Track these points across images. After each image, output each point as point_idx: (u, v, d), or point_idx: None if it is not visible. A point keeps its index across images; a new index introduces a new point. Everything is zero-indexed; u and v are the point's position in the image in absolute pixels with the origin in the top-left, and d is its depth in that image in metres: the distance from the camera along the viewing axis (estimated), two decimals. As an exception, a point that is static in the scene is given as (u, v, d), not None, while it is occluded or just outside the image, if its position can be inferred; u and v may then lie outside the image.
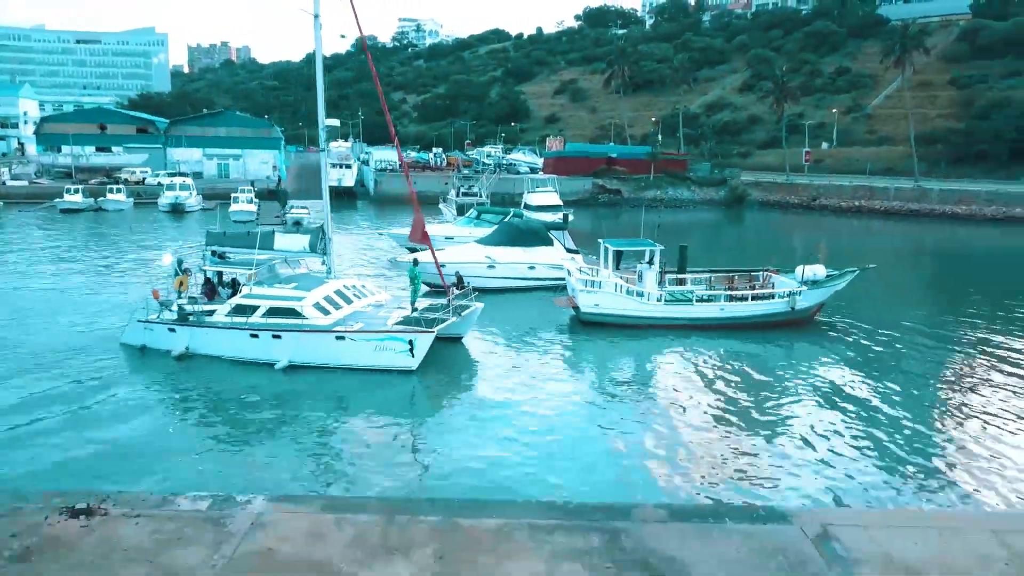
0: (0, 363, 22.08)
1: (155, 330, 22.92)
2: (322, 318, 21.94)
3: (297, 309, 21.93)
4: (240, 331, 21.89)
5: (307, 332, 21.63)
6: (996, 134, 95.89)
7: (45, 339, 24.58)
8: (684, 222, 69.90)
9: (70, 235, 52.60)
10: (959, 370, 23.88)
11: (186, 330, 22.48)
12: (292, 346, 21.58)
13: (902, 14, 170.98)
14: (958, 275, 47.79)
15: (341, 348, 21.43)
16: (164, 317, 23.20)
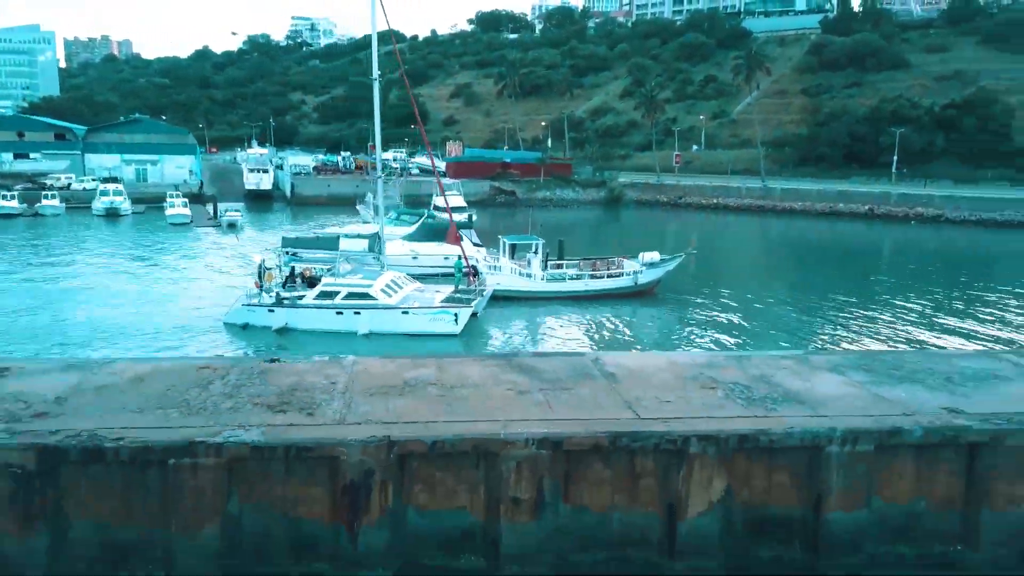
0: (131, 339, 28.83)
1: (257, 311, 30.27)
2: (388, 299, 30.32)
3: (370, 293, 30.08)
4: (328, 310, 29.73)
5: (381, 309, 29.84)
6: (833, 140, 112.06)
7: (160, 322, 31.26)
8: (569, 220, 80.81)
9: (52, 239, 57.73)
10: (743, 315, 34.95)
11: (283, 311, 30.01)
12: (369, 319, 29.59)
13: (763, 27, 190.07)
14: (788, 260, 60.47)
15: (405, 320, 29.83)
16: (263, 301, 30.55)
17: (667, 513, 12.80)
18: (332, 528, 12.34)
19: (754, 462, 12.93)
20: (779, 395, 14.41)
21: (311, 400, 13.68)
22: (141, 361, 16.42)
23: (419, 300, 31.27)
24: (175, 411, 12.99)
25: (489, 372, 15.61)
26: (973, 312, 36.99)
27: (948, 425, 13.24)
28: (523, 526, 12.44)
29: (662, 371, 15.96)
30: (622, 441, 12.52)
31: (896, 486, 13.30)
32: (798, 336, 32.00)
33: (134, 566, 12.09)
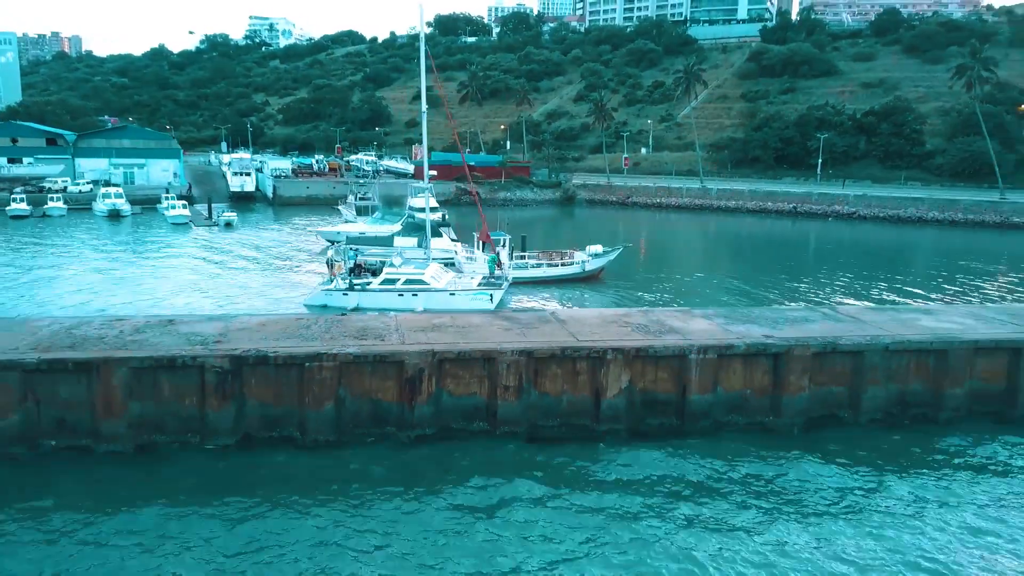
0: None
1: (333, 294, 37.34)
2: (438, 284, 37.89)
3: (423, 279, 37.57)
4: (391, 293, 37.06)
5: (434, 292, 37.39)
6: (765, 143, 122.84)
7: (252, 307, 37.73)
8: (528, 217, 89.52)
9: (102, 239, 63.66)
10: (669, 293, 44.01)
11: (355, 294, 37.05)
12: (424, 300, 36.70)
13: (707, 35, 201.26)
14: (718, 252, 70.00)
15: (452, 299, 37.08)
16: (338, 286, 37.67)
17: (595, 395, 21.61)
18: (398, 406, 20.88)
19: (646, 365, 21.85)
20: (665, 329, 23.37)
21: (378, 334, 22.23)
22: (257, 315, 24.75)
23: (462, 284, 39.37)
24: (298, 339, 21.43)
25: (485, 320, 24.35)
26: (845, 288, 46.60)
27: (761, 343, 22.35)
28: (510, 404, 21.15)
29: (594, 318, 24.88)
30: (568, 352, 21.35)
31: (732, 379, 22.33)
32: (705, 304, 41.40)
33: (281, 429, 20.50)
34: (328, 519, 17.07)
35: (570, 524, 17.01)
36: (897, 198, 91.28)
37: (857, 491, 18.97)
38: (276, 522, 16.92)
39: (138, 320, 23.47)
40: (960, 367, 23.10)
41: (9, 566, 15.30)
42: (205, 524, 16.82)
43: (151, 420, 19.89)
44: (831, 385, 22.69)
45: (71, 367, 19.42)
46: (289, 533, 16.50)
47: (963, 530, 17.27)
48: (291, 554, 15.75)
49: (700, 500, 18.28)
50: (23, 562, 15.41)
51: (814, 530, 17.13)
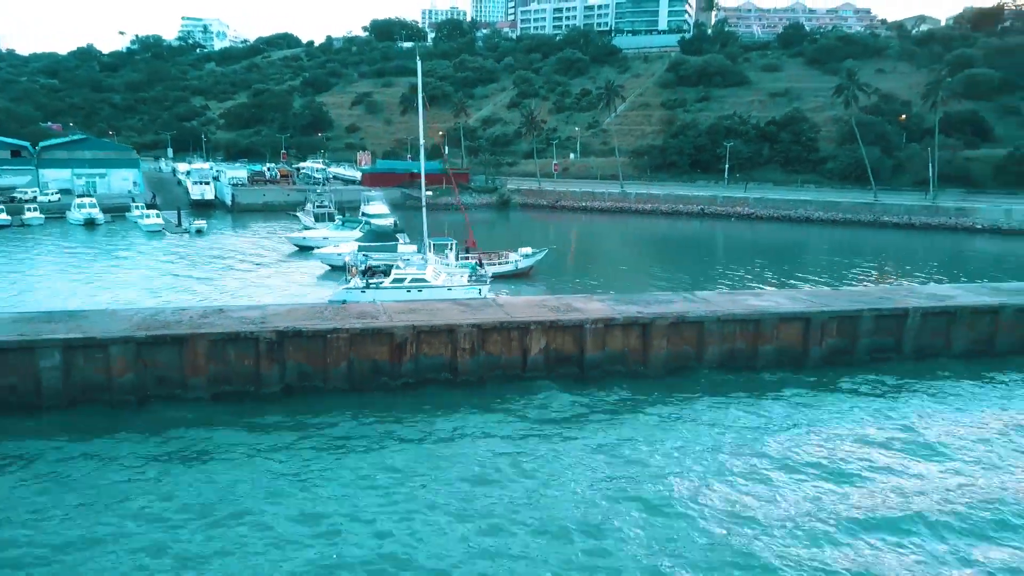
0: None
1: (353, 292, 44.82)
2: (436, 281, 46.18)
3: (425, 278, 45.75)
4: (401, 290, 44.80)
5: (434, 287, 45.49)
6: (681, 149, 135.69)
7: (283, 303, 46.57)
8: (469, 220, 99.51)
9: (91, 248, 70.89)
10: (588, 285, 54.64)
11: (371, 291, 44.86)
12: (427, 294, 44.48)
13: (631, 44, 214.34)
14: (635, 250, 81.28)
15: (448, 293, 44.73)
16: (357, 285, 45.38)
17: (523, 354, 31.91)
18: (390, 364, 30.77)
19: (557, 332, 32.27)
20: (571, 309, 33.84)
21: (372, 315, 32.10)
22: (284, 305, 34.33)
23: (457, 281, 47.77)
24: (318, 320, 31.14)
25: (444, 306, 34.49)
26: (720, 277, 58.06)
27: (634, 316, 33.02)
28: (466, 361, 31.28)
29: (523, 303, 35.32)
30: (504, 325, 31.62)
31: (615, 342, 32.91)
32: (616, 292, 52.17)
33: (312, 380, 30.17)
34: (343, 437, 26.85)
35: (505, 437, 27.22)
36: (789, 200, 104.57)
37: (699, 413, 29.66)
38: (309, 439, 26.61)
39: (196, 310, 32.78)
40: (770, 331, 34.23)
41: (123, 472, 24.69)
42: (262, 439, 26.37)
43: (222, 376, 29.34)
44: (683, 345, 33.52)
45: (168, 340, 28.73)
46: (318, 447, 26.26)
47: (764, 433, 28.02)
48: (319, 459, 25.47)
49: (593, 420, 28.70)
50: (142, 461, 24.81)
51: (662, 436, 27.77)
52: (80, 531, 20.38)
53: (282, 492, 22.54)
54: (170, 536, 20.19)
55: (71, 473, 23.50)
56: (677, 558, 19.51)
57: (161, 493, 22.36)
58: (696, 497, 22.50)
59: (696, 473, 24.13)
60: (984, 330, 36.47)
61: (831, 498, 22.61)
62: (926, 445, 26.51)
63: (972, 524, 21.33)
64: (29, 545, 19.74)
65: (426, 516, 21.30)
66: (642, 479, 23.60)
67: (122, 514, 21.19)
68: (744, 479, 23.72)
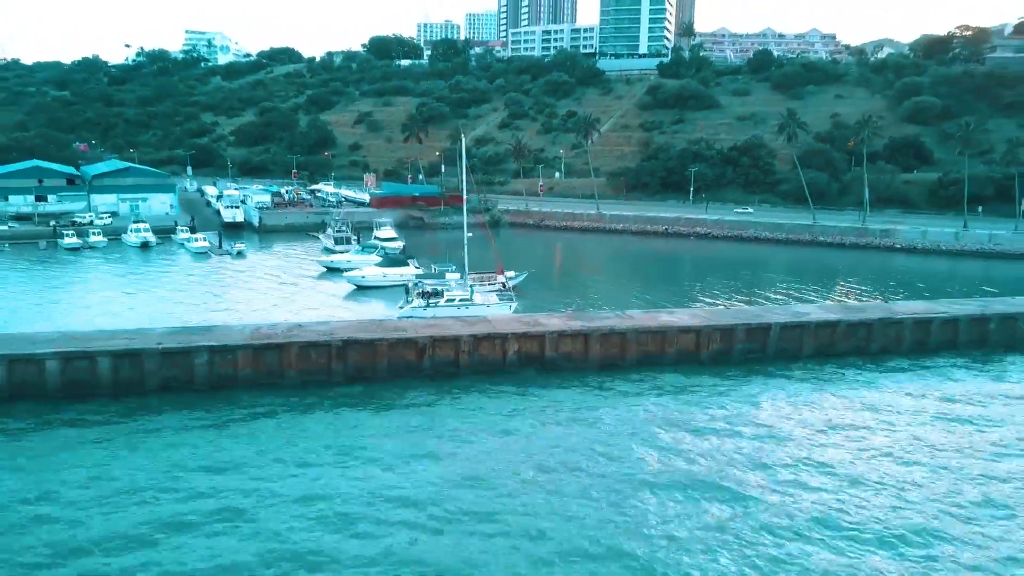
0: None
1: (417, 309, 58.37)
2: (478, 300, 60.35)
3: (470, 298, 60.22)
4: (451, 307, 58.26)
5: (476, 305, 59.24)
6: (653, 171, 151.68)
7: (308, 317, 62.78)
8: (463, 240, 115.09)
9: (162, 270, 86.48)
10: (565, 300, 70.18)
11: (431, 309, 58.58)
12: (472, 311, 58.06)
13: (614, 67, 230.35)
14: (607, 267, 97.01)
15: (487, 310, 59.34)
16: (420, 304, 58.99)
17: (502, 355, 47.70)
18: (415, 362, 46.51)
19: (527, 340, 48.06)
20: (537, 324, 49.60)
21: (403, 329, 47.84)
22: (343, 322, 50.12)
23: (491, 299, 61.81)
24: (366, 332, 46.82)
25: (451, 323, 50.34)
26: (664, 293, 73.61)
27: (579, 329, 48.84)
28: (466, 359, 47.06)
29: (505, 319, 51.18)
30: (491, 335, 47.44)
31: (566, 346, 48.71)
32: (582, 307, 67.85)
33: (364, 373, 45.85)
34: (389, 413, 42.56)
35: (493, 408, 42.91)
36: (741, 221, 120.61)
37: (621, 396, 45.32)
38: (364, 415, 42.24)
39: (283, 325, 48.51)
40: (672, 339, 50.02)
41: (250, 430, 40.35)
42: (334, 413, 42.01)
43: (306, 371, 44.98)
44: (611, 348, 49.27)
45: (272, 346, 44.38)
46: (371, 412, 41.96)
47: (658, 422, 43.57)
48: (373, 420, 41.13)
49: (550, 397, 44.38)
50: (254, 424, 40.47)
51: (594, 410, 43.50)
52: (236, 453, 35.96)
53: (349, 448, 38.17)
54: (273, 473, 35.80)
55: (211, 438, 39.13)
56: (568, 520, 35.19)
57: (259, 447, 37.89)
58: (611, 457, 38.23)
59: (615, 445, 39.85)
60: (825, 338, 52.38)
61: (696, 463, 38.37)
62: (766, 424, 42.22)
63: (782, 480, 37.00)
64: (208, 467, 35.27)
65: (429, 469, 36.99)
66: (579, 443, 39.29)
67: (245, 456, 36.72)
68: (653, 447, 39.46)
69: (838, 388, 46.55)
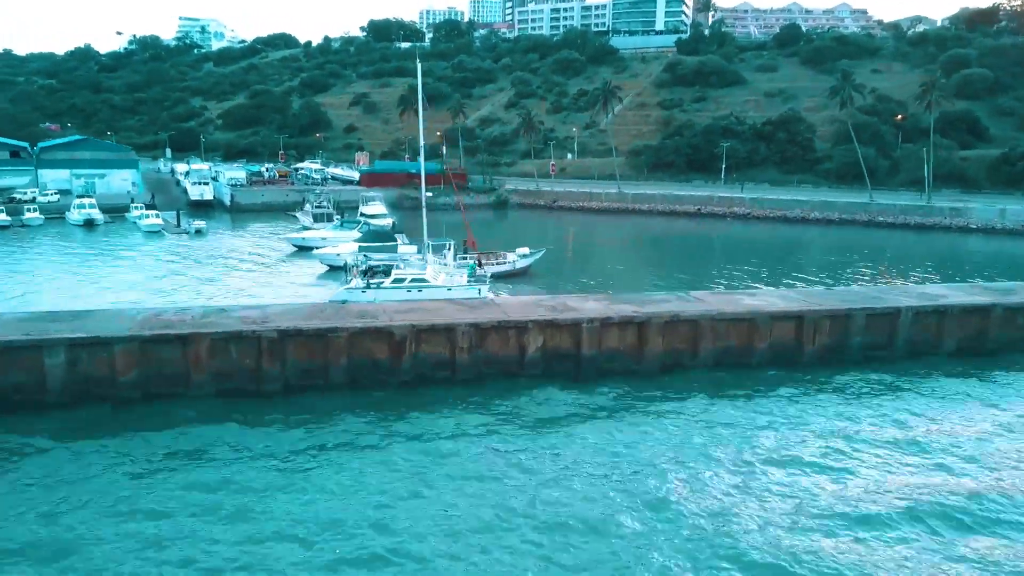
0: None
1: (354, 292, 44.75)
2: (436, 281, 46.29)
3: (426, 278, 45.77)
4: (401, 290, 44.61)
5: (434, 287, 45.40)
6: (677, 149, 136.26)
7: (284, 302, 46.88)
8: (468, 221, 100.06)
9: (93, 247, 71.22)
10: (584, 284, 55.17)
11: (372, 291, 44.70)
12: (427, 294, 44.17)
13: (628, 45, 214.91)
14: (632, 249, 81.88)
15: (448, 293, 44.60)
16: (358, 285, 45.31)
17: (520, 352, 32.46)
18: (388, 362, 31.29)
19: (554, 331, 32.79)
20: (568, 309, 34.37)
21: (372, 315, 32.61)
22: (282, 305, 34.85)
23: (456, 281, 47.67)
24: (319, 319, 31.65)
25: (444, 305, 35.00)
26: (715, 277, 58.65)
27: (629, 315, 33.56)
28: (466, 359, 31.80)
29: (520, 302, 35.85)
30: (503, 324, 32.15)
31: (611, 340, 33.46)
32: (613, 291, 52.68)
33: (313, 378, 30.67)
34: (342, 433, 27.41)
35: (503, 435, 27.76)
36: (785, 200, 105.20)
37: (693, 414, 30.21)
38: (309, 437, 27.15)
39: (198, 310, 33.29)
40: (764, 330, 34.79)
41: (131, 467, 25.17)
42: (263, 436, 26.93)
43: (225, 374, 29.84)
44: (677, 343, 34.07)
45: (172, 339, 29.22)
46: (317, 444, 26.80)
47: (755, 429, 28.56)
48: (319, 456, 26.01)
49: (589, 418, 29.24)
50: (142, 462, 25.31)
51: (657, 434, 28.32)
52: (84, 528, 20.85)
53: (283, 488, 23.05)
54: (173, 531, 20.69)
55: (73, 471, 23.98)
56: (674, 555, 20.03)
57: (163, 489, 22.86)
58: (692, 495, 23.02)
59: (692, 471, 24.65)
60: (973, 328, 37.04)
61: (825, 495, 23.16)
62: (916, 442, 27.07)
63: (964, 519, 21.87)
64: (34, 543, 20.20)
65: (424, 513, 21.82)
66: (639, 477, 24.12)
67: (125, 511, 21.66)
68: (739, 476, 24.25)
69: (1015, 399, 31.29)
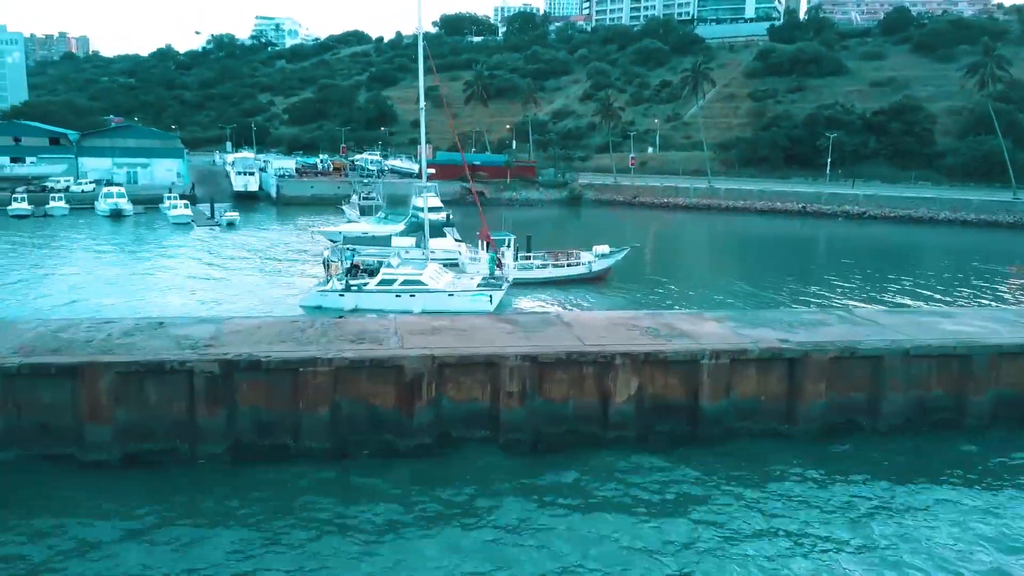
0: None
1: (329, 295, 36.20)
2: (436, 284, 36.86)
3: (421, 279, 36.45)
4: (389, 294, 35.91)
5: (431, 292, 36.25)
6: (774, 142, 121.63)
7: (247, 308, 36.37)
8: (534, 218, 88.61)
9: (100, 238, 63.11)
10: (676, 295, 43.00)
11: (351, 295, 35.97)
12: (422, 301, 35.64)
13: (714, 34, 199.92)
14: (727, 253, 69.05)
15: (450, 300, 36.09)
16: (334, 287, 36.44)
17: (602, 401, 20.67)
18: (396, 412, 19.97)
19: (656, 370, 20.88)
20: (675, 333, 22.40)
21: (376, 337, 21.32)
22: (251, 318, 23.85)
23: (462, 285, 38.25)
24: (292, 343, 20.53)
25: (487, 323, 23.41)
26: (857, 289, 45.54)
27: (776, 347, 21.36)
28: (514, 410, 20.21)
29: (601, 321, 23.92)
30: (574, 357, 20.40)
31: (745, 385, 21.36)
32: (714, 306, 40.29)
33: (274, 436, 19.59)
34: (320, 532, 16.20)
35: (575, 536, 16.11)
36: (908, 198, 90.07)
37: (875, 500, 18.00)
38: (267, 536, 16.05)
39: (127, 323, 22.60)
40: (984, 372, 22.07)
41: (-18, 583, 14.46)
42: (191, 539, 15.95)
43: (138, 427, 19.03)
44: (849, 391, 21.68)
45: (54, 371, 18.57)
46: (280, 549, 15.62)
47: (984, 541, 16.30)
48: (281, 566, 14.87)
49: (710, 510, 17.34)
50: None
51: (827, 543, 16.16)
52: None
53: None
54: None
55: None
56: None
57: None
58: None
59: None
60: None
61: None
62: None
63: None
64: None
65: None
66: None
67: None
68: None
69: None
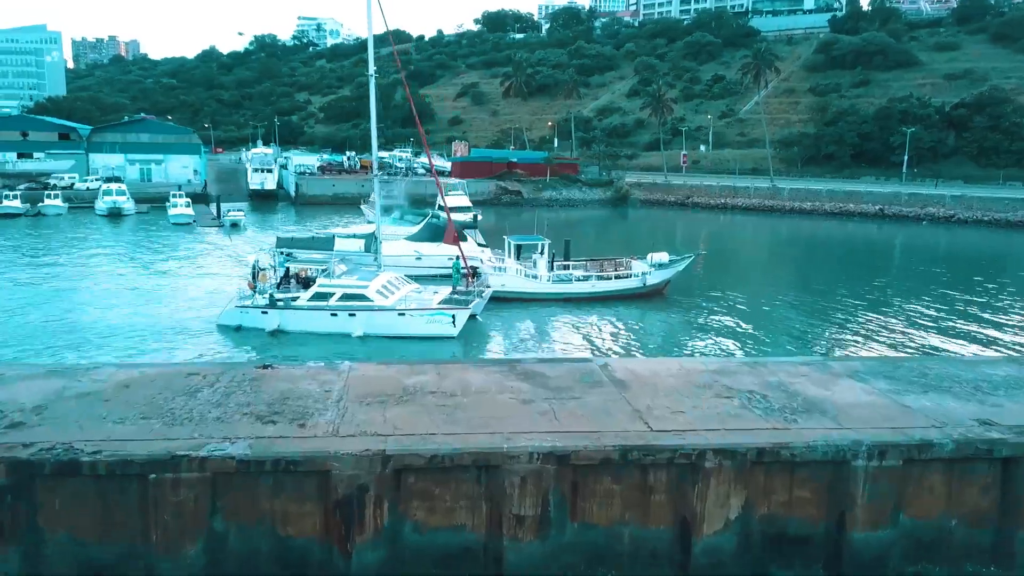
0: (122, 341, 27.50)
1: (250, 313, 29.19)
2: (384, 300, 29.20)
3: (365, 294, 28.91)
4: (323, 312, 28.67)
5: (376, 311, 28.76)
6: (840, 139, 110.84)
7: (153, 323, 30.11)
8: (576, 219, 79.97)
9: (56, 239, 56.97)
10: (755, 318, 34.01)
11: (277, 312, 28.91)
12: (364, 321, 28.53)
13: (771, 26, 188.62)
14: (798, 260, 59.56)
15: (401, 321, 28.73)
16: (256, 303, 29.38)
17: (681, 529, 12.01)
18: (324, 546, 11.59)
19: (774, 476, 12.13)
20: (798, 404, 13.59)
21: (303, 409, 12.92)
22: (128, 367, 15.64)
23: (416, 301, 30.07)
24: (159, 421, 12.25)
25: (492, 379, 14.83)
26: (990, 316, 36.00)
27: (981, 438, 12.41)
28: (527, 544, 11.67)
29: (674, 377, 15.14)
30: (633, 455, 11.73)
31: (925, 502, 12.50)
32: (811, 340, 31.03)
33: (113, 586, 11.35)
34: None
35: None
36: (1003, 199, 78.99)
37: None
38: None
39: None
40: None
41: None
42: None
43: None
44: (1107, 516, 12.60)
45: None
46: None
47: None
48: None
49: None
50: None
51: None
52: None
53: None
54: None
55: None
56: None
57: None
58: None
59: None
60: None
61: None
62: None
63: None
64: None
65: None
66: None
67: None
68: None
69: None
